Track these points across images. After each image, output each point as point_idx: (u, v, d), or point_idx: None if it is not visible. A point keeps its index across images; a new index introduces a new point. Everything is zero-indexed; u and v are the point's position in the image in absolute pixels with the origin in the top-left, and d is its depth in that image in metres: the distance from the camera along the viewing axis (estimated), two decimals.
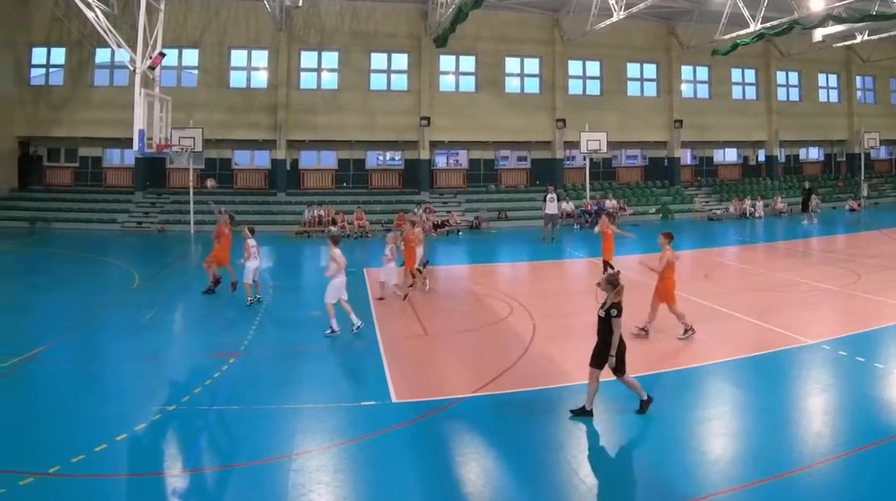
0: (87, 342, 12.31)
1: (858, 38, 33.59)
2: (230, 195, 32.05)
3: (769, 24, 26.93)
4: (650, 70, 37.07)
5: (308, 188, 33.68)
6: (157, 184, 32.62)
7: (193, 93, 31.26)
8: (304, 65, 32.99)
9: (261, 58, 32.52)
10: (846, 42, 34.62)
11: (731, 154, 40.90)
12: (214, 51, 31.92)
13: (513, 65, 35.23)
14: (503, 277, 20.70)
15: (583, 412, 8.19)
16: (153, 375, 10.21)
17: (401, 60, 33.79)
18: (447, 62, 34.45)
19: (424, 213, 30.13)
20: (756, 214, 34.08)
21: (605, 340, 8.07)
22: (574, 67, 35.90)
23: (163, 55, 21.10)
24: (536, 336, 12.16)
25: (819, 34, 33.43)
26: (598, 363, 8.13)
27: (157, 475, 6.94)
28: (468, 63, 34.64)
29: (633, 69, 36.83)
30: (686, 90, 37.82)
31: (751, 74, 38.97)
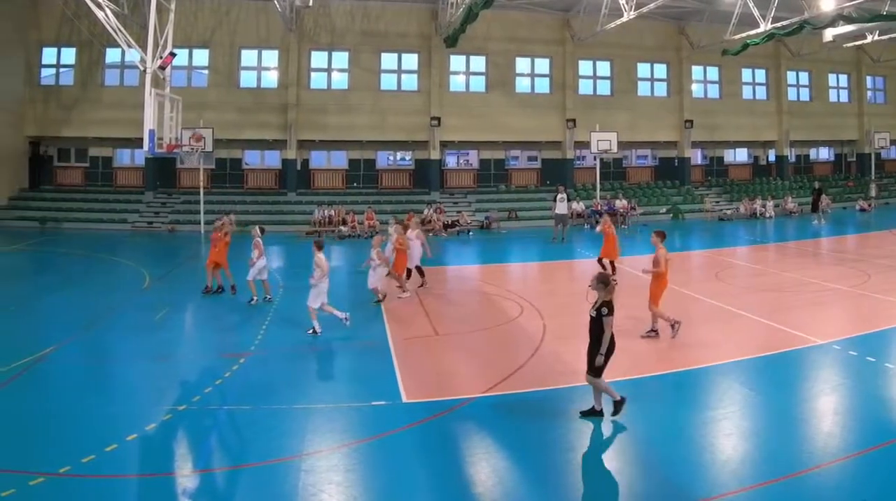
0: (98, 342, 12.36)
1: (869, 38, 33.35)
2: (240, 195, 32.23)
3: (779, 24, 26.78)
4: (660, 70, 36.93)
5: (318, 188, 33.74)
6: (168, 184, 32.74)
7: (204, 93, 31.37)
8: (315, 65, 33.02)
9: (271, 58, 32.57)
10: (857, 42, 34.36)
11: (742, 154, 40.70)
12: (225, 51, 32.01)
13: (523, 65, 35.15)
14: (513, 277, 20.67)
15: (592, 412, 8.18)
16: (163, 375, 10.24)
17: (411, 60, 33.77)
18: (457, 62, 34.42)
19: (435, 213, 30.16)
20: (766, 214, 33.86)
21: (598, 340, 8.00)
22: (584, 67, 35.82)
23: (173, 55, 21.10)
24: (547, 336, 12.14)
25: (829, 34, 33.18)
26: (595, 371, 8.03)
27: (168, 475, 6.97)
28: (478, 63, 34.60)
29: (644, 69, 36.70)
30: (696, 90, 37.68)
31: (761, 74, 38.77)
